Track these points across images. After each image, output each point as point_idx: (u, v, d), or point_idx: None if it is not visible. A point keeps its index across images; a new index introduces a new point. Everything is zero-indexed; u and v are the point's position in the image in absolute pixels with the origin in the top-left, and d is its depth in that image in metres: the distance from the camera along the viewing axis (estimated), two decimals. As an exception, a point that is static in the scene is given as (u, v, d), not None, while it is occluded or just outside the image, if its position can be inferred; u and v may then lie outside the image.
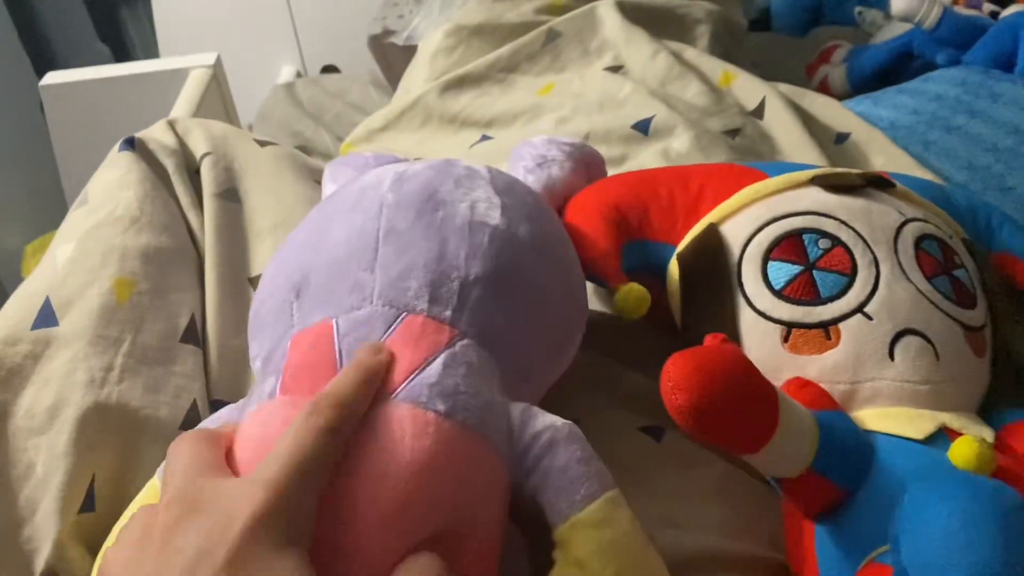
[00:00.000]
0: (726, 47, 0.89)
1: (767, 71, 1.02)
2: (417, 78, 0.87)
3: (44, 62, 1.86)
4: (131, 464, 0.51)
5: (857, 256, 0.50)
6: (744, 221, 0.53)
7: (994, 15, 0.95)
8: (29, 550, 0.47)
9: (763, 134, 0.72)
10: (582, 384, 0.55)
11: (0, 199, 1.68)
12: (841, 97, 0.95)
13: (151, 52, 1.74)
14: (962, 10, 0.96)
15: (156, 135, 0.66)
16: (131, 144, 0.63)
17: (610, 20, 0.82)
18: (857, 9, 1.15)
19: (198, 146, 0.65)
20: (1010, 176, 0.75)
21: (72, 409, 0.50)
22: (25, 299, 0.55)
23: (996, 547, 0.33)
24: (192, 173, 0.64)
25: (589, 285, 0.54)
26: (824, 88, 1.02)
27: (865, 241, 0.50)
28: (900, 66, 0.97)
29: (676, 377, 0.39)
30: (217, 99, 0.95)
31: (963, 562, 0.34)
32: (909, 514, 0.35)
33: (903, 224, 0.52)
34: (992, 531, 0.33)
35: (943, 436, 0.45)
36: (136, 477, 0.51)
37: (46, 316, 0.54)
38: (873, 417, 0.46)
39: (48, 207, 1.69)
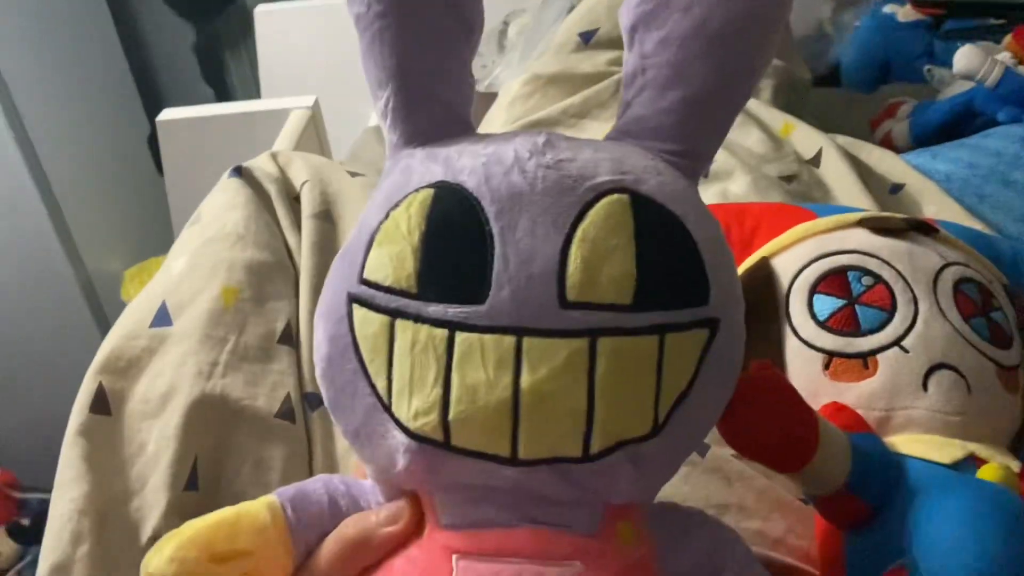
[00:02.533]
0: (788, 101, 0.93)
1: (832, 124, 1.06)
2: (495, 122, 0.94)
3: (152, 100, 2.01)
4: (230, 449, 0.57)
5: (897, 294, 0.53)
6: (794, 256, 0.57)
7: (1060, 76, 0.97)
8: (137, 519, 0.54)
9: (818, 181, 0.76)
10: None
11: (105, 225, 1.80)
12: (904, 151, 0.98)
13: (251, 94, 1.86)
14: (1026, 70, 0.98)
15: (260, 164, 0.74)
16: (239, 172, 0.71)
17: (678, 72, 0.87)
18: (926, 67, 1.18)
19: (298, 175, 0.73)
20: (1064, 230, 0.78)
21: (182, 397, 0.57)
22: (145, 302, 0.63)
23: (1003, 546, 0.36)
24: (292, 200, 0.72)
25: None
26: (887, 141, 1.05)
27: (906, 280, 0.54)
28: (963, 123, 0.99)
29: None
30: (314, 138, 1.04)
31: (971, 560, 0.37)
32: (920, 513, 0.38)
33: (944, 267, 0.55)
34: (999, 531, 0.36)
35: (971, 463, 0.48)
36: (233, 461, 0.57)
37: (162, 317, 0.61)
38: (905, 442, 0.49)
39: (147, 238, 1.81)
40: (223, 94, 2.05)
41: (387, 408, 0.35)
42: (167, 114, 1.06)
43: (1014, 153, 0.85)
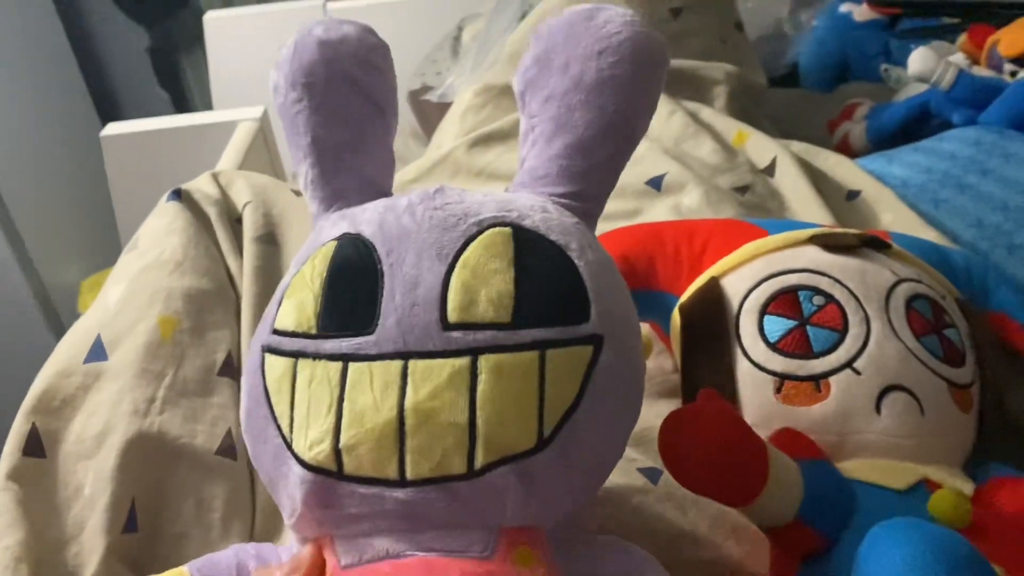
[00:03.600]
0: (744, 107, 0.92)
1: (791, 126, 1.06)
2: (448, 134, 0.92)
3: (107, 106, 1.96)
4: (170, 489, 0.55)
5: (849, 313, 0.52)
6: (744, 276, 0.56)
7: (1014, 75, 0.97)
8: (76, 565, 0.51)
9: (773, 191, 0.75)
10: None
11: (60, 235, 1.76)
12: (861, 153, 0.98)
13: (207, 98, 1.83)
14: (981, 71, 0.98)
15: (201, 186, 0.71)
16: (177, 195, 0.69)
17: (631, 80, 0.86)
18: (883, 67, 1.18)
19: (240, 195, 0.70)
20: (1018, 234, 0.77)
21: (118, 436, 0.55)
22: (79, 335, 0.61)
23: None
24: (233, 222, 0.69)
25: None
26: (845, 144, 1.04)
27: (858, 299, 0.53)
28: (919, 124, 0.99)
29: (673, 436, 0.43)
30: (263, 150, 1.01)
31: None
32: (865, 554, 0.38)
33: (896, 284, 0.54)
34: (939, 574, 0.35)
35: (924, 488, 0.47)
36: (173, 501, 0.55)
37: (97, 351, 0.59)
38: (858, 468, 0.49)
39: (104, 246, 1.77)
40: (179, 99, 2.01)
41: (288, 446, 0.37)
42: (111, 129, 1.03)
43: (968, 156, 0.85)
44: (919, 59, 0.92)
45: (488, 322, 0.35)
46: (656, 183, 0.74)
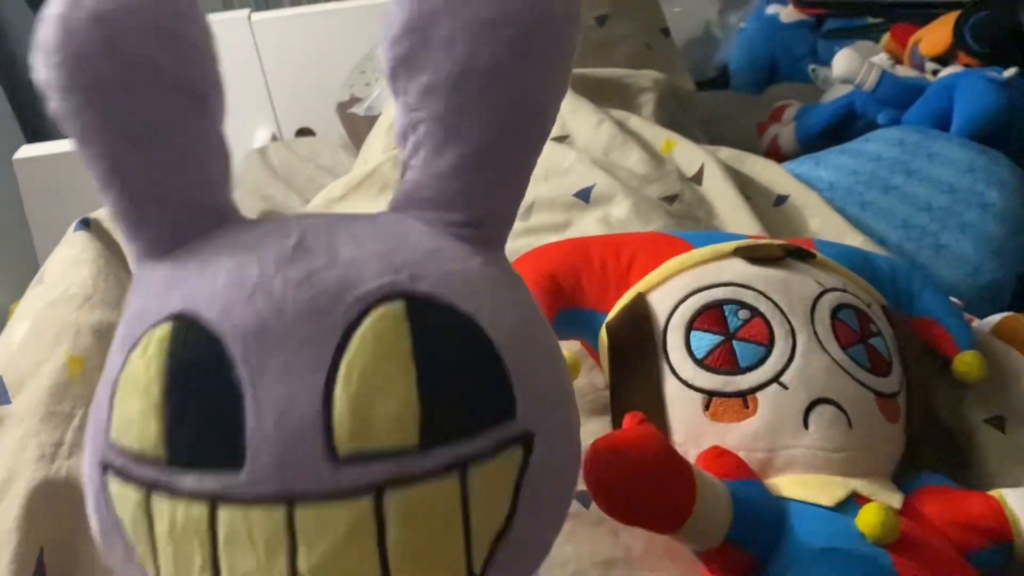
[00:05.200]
0: (671, 113, 0.92)
1: (722, 129, 1.06)
2: (376, 148, 0.90)
3: (30, 121, 1.89)
4: (80, 536, 0.52)
5: (775, 327, 0.52)
6: (670, 291, 0.55)
7: (936, 73, 0.99)
8: None
9: (701, 199, 0.75)
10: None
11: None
12: (791, 155, 0.99)
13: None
14: (905, 70, 1.00)
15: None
16: (86, 224, 0.66)
17: (558, 90, 0.85)
18: (811, 67, 1.19)
19: (154, 222, 0.67)
20: (943, 234, 0.78)
21: (22, 484, 0.52)
22: (-22, 377, 0.57)
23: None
24: (148, 249, 0.66)
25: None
26: (774, 146, 1.05)
27: (783, 312, 0.52)
28: (846, 124, 1.00)
29: (595, 469, 0.41)
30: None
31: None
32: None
33: (821, 294, 0.54)
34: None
35: (853, 502, 0.47)
36: (87, 550, 0.52)
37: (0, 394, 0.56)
38: (787, 484, 0.48)
39: (36, 266, 1.71)
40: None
41: None
42: (24, 151, 0.99)
43: (893, 157, 0.86)
44: (843, 61, 0.93)
45: (390, 448, 0.28)
46: (585, 195, 0.73)
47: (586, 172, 0.75)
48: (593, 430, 0.58)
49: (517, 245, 0.68)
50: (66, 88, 0.29)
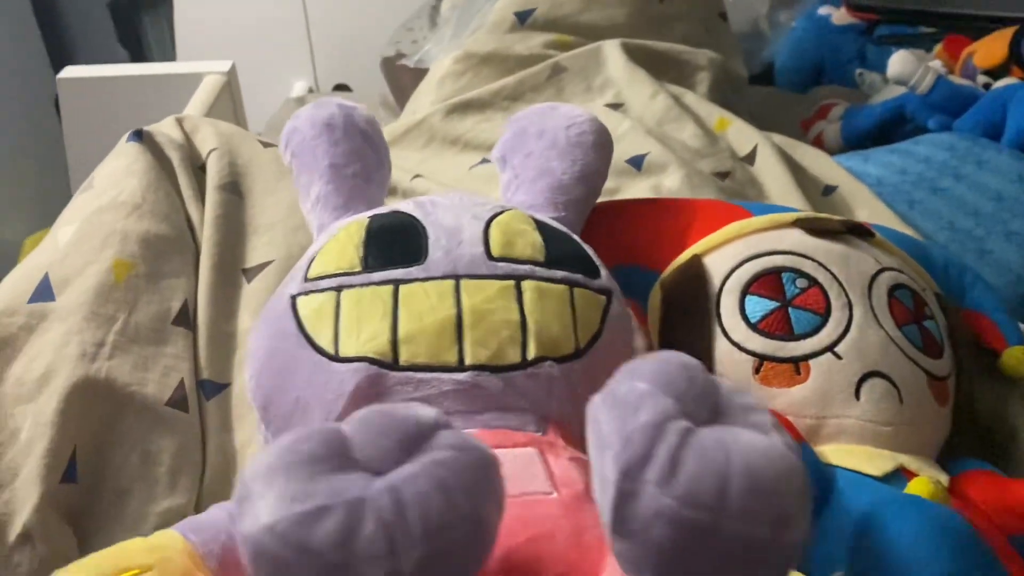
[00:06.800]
0: (724, 95, 0.92)
1: (764, 123, 1.05)
2: (424, 100, 0.90)
3: (63, 60, 1.89)
4: (114, 438, 0.52)
5: (832, 298, 0.51)
6: (727, 255, 0.55)
7: (987, 86, 0.99)
8: (6, 513, 0.48)
9: (752, 179, 0.75)
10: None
11: (4, 190, 1.69)
12: (834, 153, 0.98)
13: (169, 58, 1.77)
14: (957, 79, 0.99)
15: (164, 129, 0.68)
16: (139, 136, 0.65)
17: (614, 59, 0.85)
18: (858, 71, 1.18)
19: (205, 142, 0.67)
20: (989, 240, 0.78)
21: (61, 380, 0.51)
22: (24, 274, 0.57)
23: (946, 562, 0.35)
24: (196, 169, 0.66)
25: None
26: (818, 142, 1.04)
27: (841, 284, 0.52)
28: (893, 128, 1.00)
29: None
30: (228, 106, 0.97)
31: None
32: (867, 531, 0.37)
33: (879, 272, 0.54)
34: (944, 549, 0.35)
35: (900, 476, 0.47)
36: (118, 452, 0.52)
37: (43, 291, 0.55)
38: (835, 453, 0.48)
39: (51, 202, 1.70)
40: (138, 57, 1.94)
41: (332, 356, 0.40)
42: (70, 72, 0.98)
43: (942, 161, 0.85)
44: (899, 61, 0.92)
45: (526, 258, 0.43)
46: (637, 162, 0.72)
47: (639, 140, 0.74)
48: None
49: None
50: (312, 126, 0.53)
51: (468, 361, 0.39)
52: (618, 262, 0.58)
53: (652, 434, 0.27)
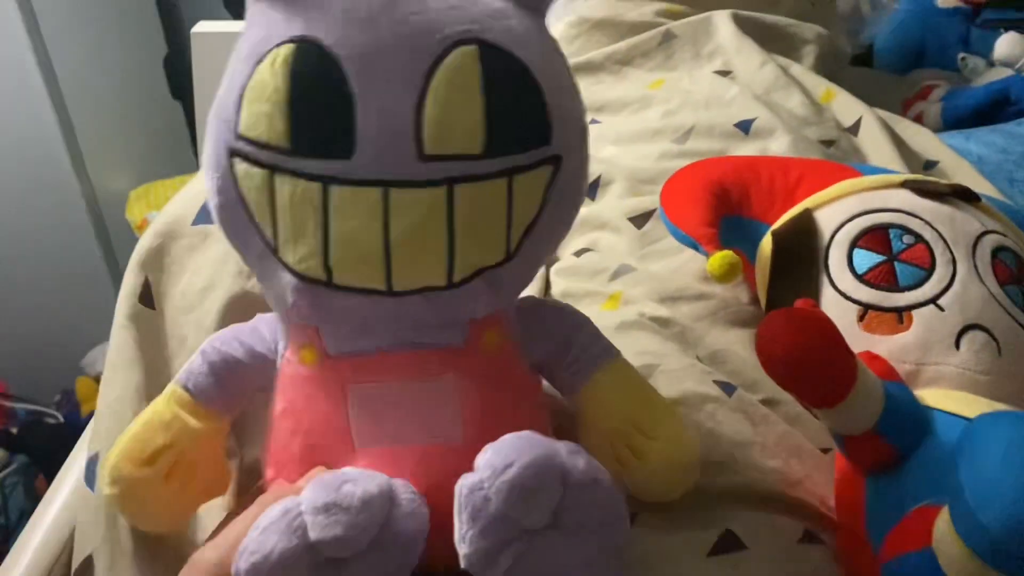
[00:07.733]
0: (829, 69, 0.93)
1: (864, 101, 1.06)
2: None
3: (172, 22, 1.97)
4: None
5: (937, 254, 0.54)
6: (837, 210, 0.58)
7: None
8: None
9: (856, 149, 0.77)
10: (667, 338, 0.60)
11: (114, 145, 1.77)
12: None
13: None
14: (1065, 64, 0.99)
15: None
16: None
17: (724, 29, 0.88)
18: (961, 55, 1.18)
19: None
20: (1090, 222, 0.78)
21: (221, 292, 0.57)
22: (189, 198, 0.63)
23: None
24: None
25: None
26: (918, 123, 1.05)
27: (946, 242, 0.54)
28: (996, 110, 1.00)
29: (774, 330, 0.44)
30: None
31: (1008, 503, 0.37)
32: (969, 439, 0.39)
33: (983, 234, 0.56)
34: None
35: (996, 419, 0.49)
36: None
37: (205, 214, 0.61)
38: (933, 396, 0.50)
39: (155, 157, 1.79)
40: (241, 19, 2.01)
41: (275, 254, 0.40)
42: (202, 27, 1.05)
43: (1046, 142, 0.86)
44: (1007, 43, 0.93)
45: (462, 153, 0.37)
46: (745, 126, 0.75)
47: (748, 105, 0.77)
48: (733, 339, 0.61)
49: (672, 165, 0.70)
50: None
51: (395, 287, 0.39)
52: (730, 213, 0.61)
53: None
